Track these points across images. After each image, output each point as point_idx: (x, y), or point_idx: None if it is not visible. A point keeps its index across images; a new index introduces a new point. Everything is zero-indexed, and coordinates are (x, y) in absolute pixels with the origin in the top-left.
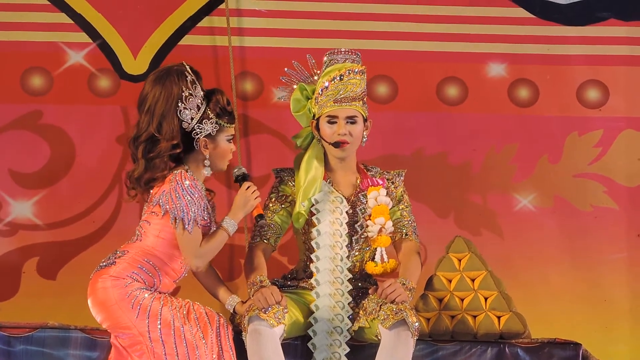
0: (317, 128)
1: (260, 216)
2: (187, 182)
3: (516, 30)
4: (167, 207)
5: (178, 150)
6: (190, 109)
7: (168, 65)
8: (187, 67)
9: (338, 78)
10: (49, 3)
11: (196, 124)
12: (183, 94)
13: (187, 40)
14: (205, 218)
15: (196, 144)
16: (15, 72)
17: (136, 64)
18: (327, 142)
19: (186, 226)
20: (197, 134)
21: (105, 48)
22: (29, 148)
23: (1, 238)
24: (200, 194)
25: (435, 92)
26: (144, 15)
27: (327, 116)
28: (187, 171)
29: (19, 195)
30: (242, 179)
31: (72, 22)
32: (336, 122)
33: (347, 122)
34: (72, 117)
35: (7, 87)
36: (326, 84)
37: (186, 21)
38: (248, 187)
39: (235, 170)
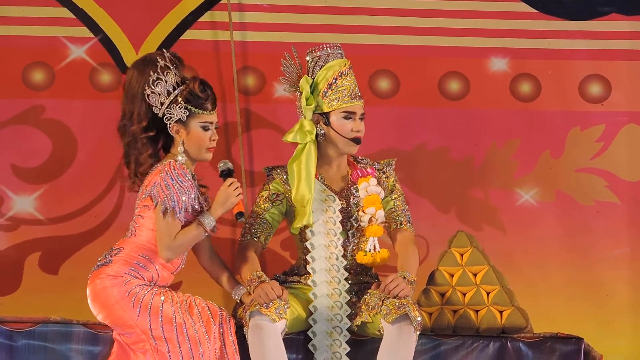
0: (325, 123)
1: (240, 214)
2: (176, 171)
3: (518, 25)
4: (159, 198)
5: (151, 134)
6: (159, 94)
7: (151, 52)
8: (166, 53)
9: (345, 73)
10: None
11: (166, 109)
12: (150, 78)
13: (189, 35)
14: (197, 207)
15: (169, 129)
16: (17, 67)
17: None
18: (344, 137)
19: (177, 215)
20: (168, 119)
21: (106, 43)
22: (31, 143)
23: (3, 233)
24: (190, 183)
25: (437, 86)
26: (146, 10)
27: (344, 111)
28: (176, 161)
29: (21, 190)
30: (227, 174)
31: (73, 16)
32: (351, 118)
33: (360, 118)
34: (74, 112)
35: (8, 82)
36: (334, 79)
37: (188, 16)
38: (231, 184)
39: (221, 164)
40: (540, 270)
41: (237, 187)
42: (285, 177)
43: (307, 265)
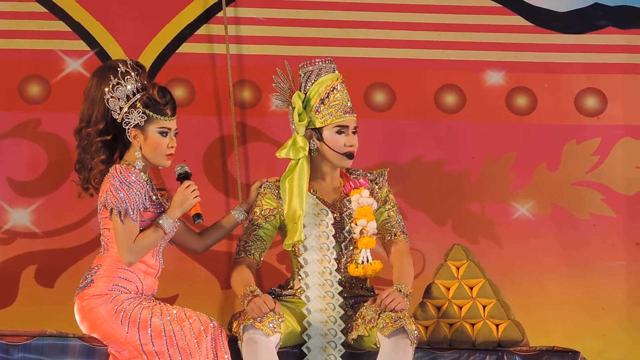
0: (318, 138)
1: (198, 215)
2: (122, 173)
3: (514, 39)
4: (111, 203)
5: (107, 137)
6: (119, 99)
7: (114, 59)
8: (128, 60)
9: (337, 88)
10: (47, 11)
11: (125, 113)
12: (111, 82)
13: (185, 48)
14: (148, 206)
15: (127, 135)
16: (13, 80)
17: None
18: (337, 152)
19: (131, 215)
20: (127, 124)
21: (103, 56)
22: (27, 156)
23: None
24: (139, 184)
25: (433, 100)
26: (142, 23)
27: (336, 126)
28: (122, 165)
29: (17, 203)
30: (184, 177)
31: (70, 30)
32: (344, 133)
33: (353, 132)
34: (70, 125)
35: (5, 95)
36: (326, 94)
37: (184, 29)
38: (188, 186)
39: (178, 168)
40: (536, 284)
41: (194, 190)
42: (277, 191)
43: (301, 280)
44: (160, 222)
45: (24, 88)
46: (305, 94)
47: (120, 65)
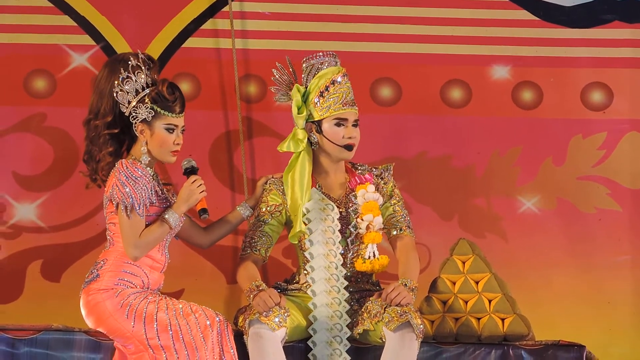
0: (318, 130)
1: (204, 210)
2: (128, 168)
3: (520, 33)
4: (117, 198)
5: (115, 131)
6: (128, 92)
7: (126, 52)
8: (140, 54)
9: (338, 81)
10: (53, 5)
11: (133, 107)
12: (120, 75)
13: (191, 42)
14: (154, 201)
15: (134, 129)
16: (19, 75)
17: None
18: (336, 144)
19: (137, 210)
20: (134, 118)
21: (108, 51)
22: (33, 150)
23: (5, 240)
24: (145, 179)
25: (439, 94)
26: (148, 18)
27: (335, 119)
28: (129, 159)
29: (23, 198)
30: (191, 172)
31: (75, 24)
32: (344, 125)
33: (353, 125)
34: (76, 120)
35: (10, 90)
36: (326, 86)
37: (190, 24)
38: (194, 181)
39: (184, 162)
40: (542, 278)
41: (200, 184)
42: (282, 187)
43: (307, 275)
44: (166, 216)
45: (29, 82)
46: (306, 87)
47: (131, 58)
